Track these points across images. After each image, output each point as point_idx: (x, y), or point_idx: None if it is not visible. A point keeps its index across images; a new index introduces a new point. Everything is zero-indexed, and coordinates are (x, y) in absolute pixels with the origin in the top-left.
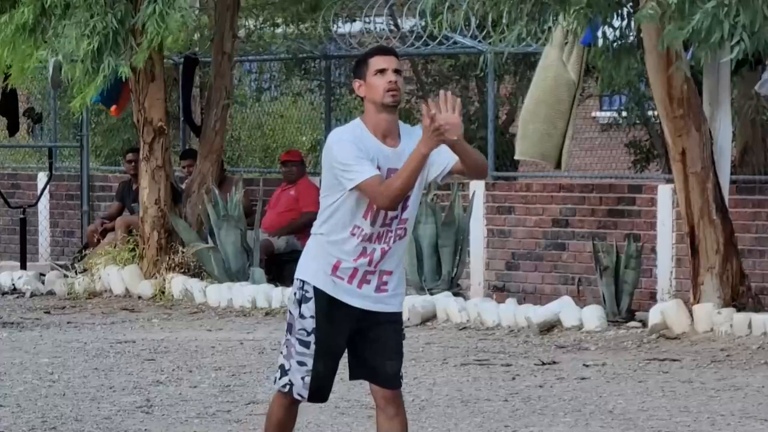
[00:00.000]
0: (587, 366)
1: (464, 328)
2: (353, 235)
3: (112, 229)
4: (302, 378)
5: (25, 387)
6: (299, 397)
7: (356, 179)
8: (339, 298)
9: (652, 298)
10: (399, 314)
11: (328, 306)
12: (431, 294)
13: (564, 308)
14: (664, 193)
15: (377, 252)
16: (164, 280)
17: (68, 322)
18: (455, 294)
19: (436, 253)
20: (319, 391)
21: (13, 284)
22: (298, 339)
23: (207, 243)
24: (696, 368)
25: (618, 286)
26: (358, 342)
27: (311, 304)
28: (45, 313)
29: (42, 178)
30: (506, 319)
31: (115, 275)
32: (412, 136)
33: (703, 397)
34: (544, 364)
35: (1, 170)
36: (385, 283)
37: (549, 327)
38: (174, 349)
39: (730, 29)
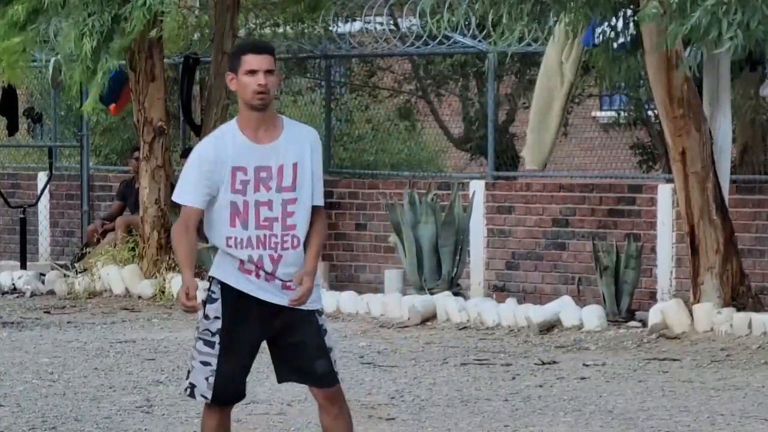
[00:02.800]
0: (587, 366)
1: (464, 327)
2: (229, 246)
3: (112, 229)
4: (206, 378)
5: (25, 387)
6: (203, 398)
7: (178, 197)
8: (249, 293)
9: (652, 297)
10: (314, 312)
11: (236, 304)
12: (431, 294)
13: (564, 308)
14: (664, 193)
15: (265, 259)
16: (164, 279)
17: (68, 322)
18: (455, 294)
19: (436, 253)
20: (225, 391)
21: (13, 284)
22: (202, 339)
23: (207, 243)
24: (696, 368)
25: (618, 286)
26: (279, 345)
27: (217, 305)
28: (45, 312)
29: (42, 177)
30: (506, 319)
31: (115, 275)
32: (294, 136)
33: (702, 397)
34: (544, 363)
35: (1, 170)
36: (290, 287)
37: (549, 327)
38: (174, 349)
39: (727, 27)
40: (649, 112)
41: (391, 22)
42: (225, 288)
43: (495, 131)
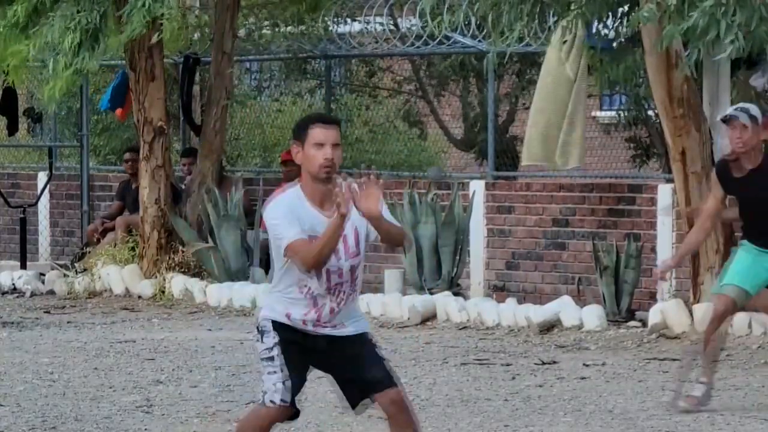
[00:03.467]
0: (587, 366)
1: (464, 327)
2: (301, 292)
3: (112, 229)
4: (274, 384)
5: (25, 387)
6: (271, 404)
7: (284, 237)
8: (297, 328)
9: (652, 297)
10: (365, 334)
11: (288, 331)
12: (431, 294)
13: (564, 308)
14: (664, 193)
15: (326, 308)
16: (164, 279)
17: (68, 322)
18: (455, 294)
19: (436, 253)
20: (292, 393)
21: (13, 284)
22: (263, 359)
23: (207, 242)
24: (696, 368)
25: (618, 286)
26: (340, 370)
27: (271, 334)
28: (45, 312)
29: (42, 177)
30: (506, 319)
31: (115, 275)
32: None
33: None
34: (544, 363)
35: (1, 170)
36: (342, 325)
37: (549, 327)
38: (174, 349)
39: (726, 28)
40: (649, 111)
41: (391, 22)
42: (275, 322)
43: (495, 131)
